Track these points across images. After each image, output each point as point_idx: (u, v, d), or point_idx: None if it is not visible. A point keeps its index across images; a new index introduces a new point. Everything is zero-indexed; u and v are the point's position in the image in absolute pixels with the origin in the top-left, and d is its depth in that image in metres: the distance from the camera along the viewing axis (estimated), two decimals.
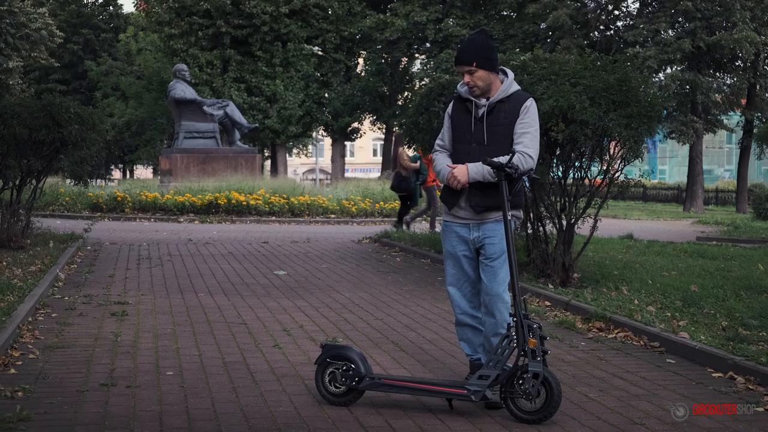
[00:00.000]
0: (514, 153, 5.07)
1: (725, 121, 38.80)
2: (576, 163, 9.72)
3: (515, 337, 4.89)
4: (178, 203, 21.79)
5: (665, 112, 9.85)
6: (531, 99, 5.37)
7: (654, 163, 71.80)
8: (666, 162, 79.81)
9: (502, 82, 5.33)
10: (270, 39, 39.60)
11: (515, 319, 4.91)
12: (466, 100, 5.35)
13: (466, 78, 5.23)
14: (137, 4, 52.94)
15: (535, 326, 4.86)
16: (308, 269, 11.56)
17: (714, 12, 32.41)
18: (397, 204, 23.69)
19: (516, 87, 5.35)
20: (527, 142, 5.21)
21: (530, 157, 5.16)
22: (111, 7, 56.42)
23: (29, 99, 12.86)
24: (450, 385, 4.99)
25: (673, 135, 34.14)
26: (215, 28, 39.10)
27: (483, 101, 5.27)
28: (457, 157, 5.33)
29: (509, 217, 5.06)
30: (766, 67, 35.40)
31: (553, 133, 9.05)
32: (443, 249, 5.51)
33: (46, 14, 40.46)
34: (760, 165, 66.99)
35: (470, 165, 5.14)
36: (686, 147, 50.09)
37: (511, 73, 5.37)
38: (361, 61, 44.48)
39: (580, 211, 9.73)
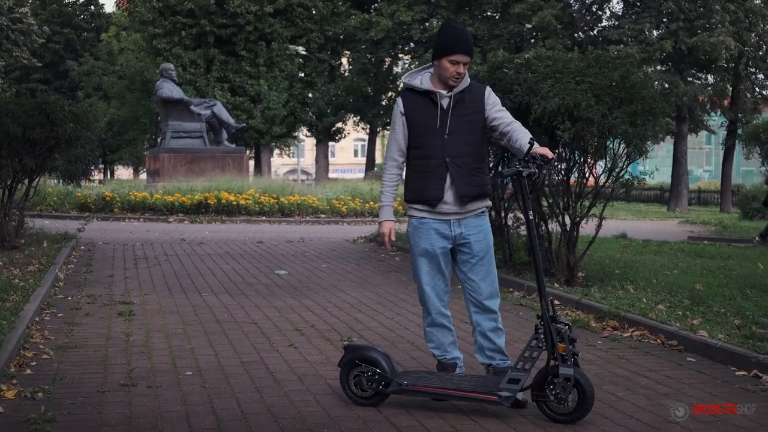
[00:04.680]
0: (528, 158, 4.90)
1: (707, 122, 38.92)
2: (581, 159, 9.70)
3: (543, 338, 4.81)
4: (168, 203, 21.62)
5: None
6: (488, 86, 5.44)
7: (635, 163, 71.96)
8: (646, 162, 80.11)
9: None
10: (254, 38, 39.42)
11: (542, 321, 4.82)
12: (427, 92, 5.25)
13: (461, 68, 5.15)
14: (119, 3, 52.61)
15: (564, 329, 4.76)
16: (308, 269, 11.47)
17: (697, 14, 32.52)
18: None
19: (469, 78, 5.34)
20: (519, 126, 5.25)
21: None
22: (92, 7, 56.06)
23: (23, 97, 12.67)
24: (480, 390, 4.86)
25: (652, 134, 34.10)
26: (199, 27, 38.87)
27: (445, 92, 5.22)
28: (426, 152, 5.23)
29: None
30: (749, 69, 35.60)
31: (559, 132, 9.03)
32: (415, 248, 5.36)
33: (28, 13, 40.14)
34: (739, 166, 67.33)
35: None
36: (665, 147, 50.29)
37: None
38: (344, 60, 44.39)
39: (585, 209, 9.70)
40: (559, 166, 9.68)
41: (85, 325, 7.31)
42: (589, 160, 9.75)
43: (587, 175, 9.75)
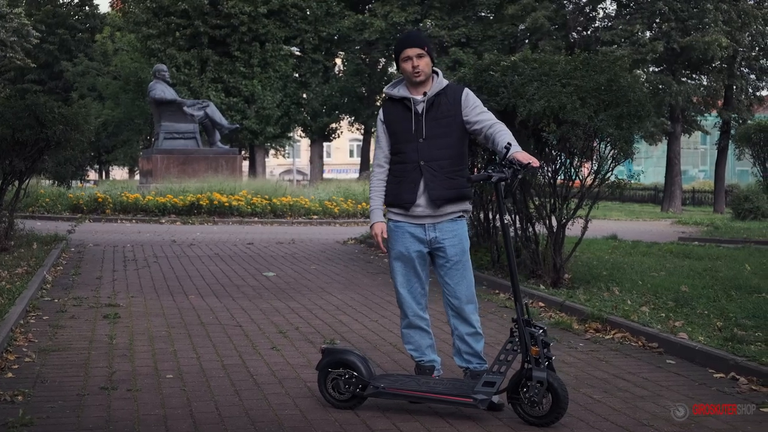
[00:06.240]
0: (505, 162, 4.93)
1: (701, 122, 38.93)
2: (567, 161, 9.72)
3: (518, 341, 4.84)
4: (160, 204, 21.65)
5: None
6: (466, 87, 5.46)
7: (629, 163, 71.95)
8: (641, 163, 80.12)
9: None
10: (248, 39, 39.42)
11: (517, 324, 4.85)
12: (402, 99, 5.33)
13: (415, 62, 5.21)
14: (113, 3, 52.49)
15: (538, 333, 4.79)
16: (297, 270, 11.50)
17: (690, 14, 32.54)
18: None
19: (446, 81, 5.39)
20: (502, 127, 5.23)
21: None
22: (87, 7, 55.95)
23: (13, 99, 12.68)
24: (456, 393, 4.89)
25: (643, 136, 34.01)
26: (193, 28, 38.85)
27: (419, 97, 5.28)
28: (403, 157, 5.31)
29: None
30: (742, 68, 35.62)
31: (545, 134, 9.07)
32: (391, 251, 5.44)
33: (22, 14, 40.09)
34: (734, 166, 67.42)
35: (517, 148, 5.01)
36: (660, 148, 50.26)
37: (440, 72, 5.39)
38: (338, 61, 44.38)
39: (571, 211, 9.73)
40: (546, 168, 9.71)
41: (70, 328, 7.34)
42: (575, 162, 9.78)
43: (574, 177, 9.79)
